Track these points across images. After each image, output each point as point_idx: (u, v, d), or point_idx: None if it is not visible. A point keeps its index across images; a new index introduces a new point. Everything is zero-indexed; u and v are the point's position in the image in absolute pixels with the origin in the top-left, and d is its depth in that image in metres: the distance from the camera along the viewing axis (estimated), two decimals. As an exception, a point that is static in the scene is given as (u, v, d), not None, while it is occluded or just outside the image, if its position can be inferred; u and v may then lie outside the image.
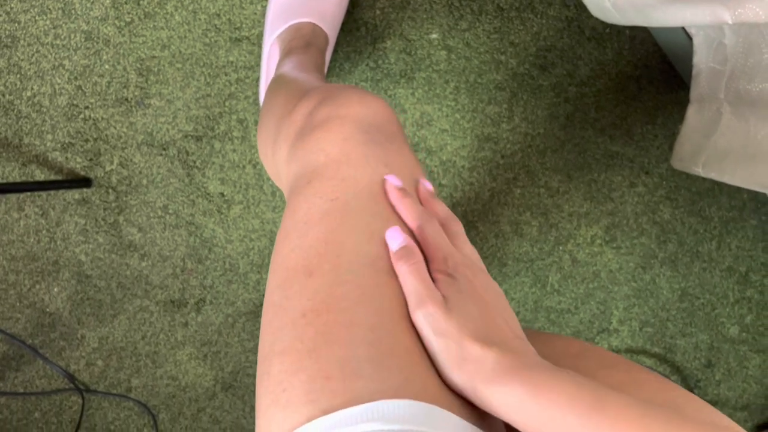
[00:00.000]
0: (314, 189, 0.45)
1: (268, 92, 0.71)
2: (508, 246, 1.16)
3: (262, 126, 0.64)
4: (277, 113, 0.58)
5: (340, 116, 0.47)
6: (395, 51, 1.05)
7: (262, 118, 0.66)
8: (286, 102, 0.58)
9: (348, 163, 0.45)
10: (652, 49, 1.09)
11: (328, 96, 0.50)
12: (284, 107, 0.57)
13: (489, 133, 1.10)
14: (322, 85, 0.56)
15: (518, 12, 1.05)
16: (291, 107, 0.54)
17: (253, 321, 1.13)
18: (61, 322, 1.09)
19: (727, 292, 1.23)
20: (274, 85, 0.72)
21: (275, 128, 0.56)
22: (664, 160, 1.14)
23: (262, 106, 0.70)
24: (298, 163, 0.48)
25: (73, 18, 0.97)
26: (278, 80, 0.73)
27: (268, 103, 0.66)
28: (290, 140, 0.50)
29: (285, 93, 0.62)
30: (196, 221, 1.07)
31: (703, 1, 0.64)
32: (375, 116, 0.48)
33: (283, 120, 0.54)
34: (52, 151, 1.02)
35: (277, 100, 0.62)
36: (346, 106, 0.48)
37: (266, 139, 0.60)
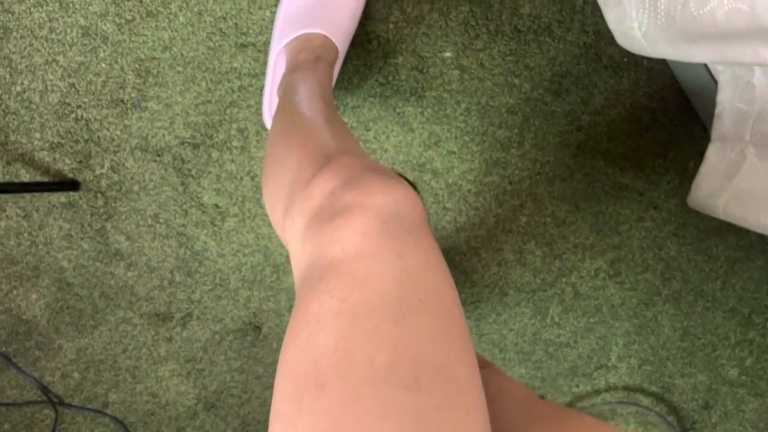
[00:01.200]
0: (326, 286, 0.43)
1: (278, 129, 0.67)
2: (510, 275, 1.12)
3: (272, 179, 0.60)
4: (290, 174, 0.55)
5: (363, 205, 0.45)
6: (407, 67, 1.01)
7: (271, 167, 0.62)
8: (301, 163, 0.55)
9: (361, 258, 0.43)
10: (669, 82, 1.06)
11: (353, 179, 0.47)
12: (299, 170, 0.54)
13: (498, 157, 1.06)
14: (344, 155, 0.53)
15: (536, 35, 1.02)
16: (308, 174, 0.51)
17: (241, 339, 1.08)
18: (37, 330, 1.03)
19: (728, 333, 1.20)
20: (283, 122, 0.68)
21: (289, 193, 0.53)
22: (674, 195, 1.11)
23: (271, 148, 0.65)
24: (314, 249, 0.45)
25: (71, 12, 0.92)
26: (288, 115, 0.69)
27: (279, 152, 0.62)
28: (306, 217, 0.48)
29: (300, 148, 0.58)
30: (187, 232, 1.02)
31: (746, 40, 0.61)
32: (398, 205, 0.46)
33: (299, 188, 0.51)
34: (40, 151, 0.96)
35: (290, 154, 0.59)
36: (369, 193, 0.46)
37: (276, 198, 0.57)
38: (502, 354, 1.15)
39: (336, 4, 0.90)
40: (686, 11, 0.63)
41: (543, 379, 1.18)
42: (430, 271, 0.45)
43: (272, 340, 1.09)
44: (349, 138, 0.62)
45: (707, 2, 0.60)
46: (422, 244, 0.46)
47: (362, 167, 0.49)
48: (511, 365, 1.16)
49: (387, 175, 0.49)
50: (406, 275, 0.43)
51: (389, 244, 0.44)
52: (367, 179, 0.47)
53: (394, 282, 0.43)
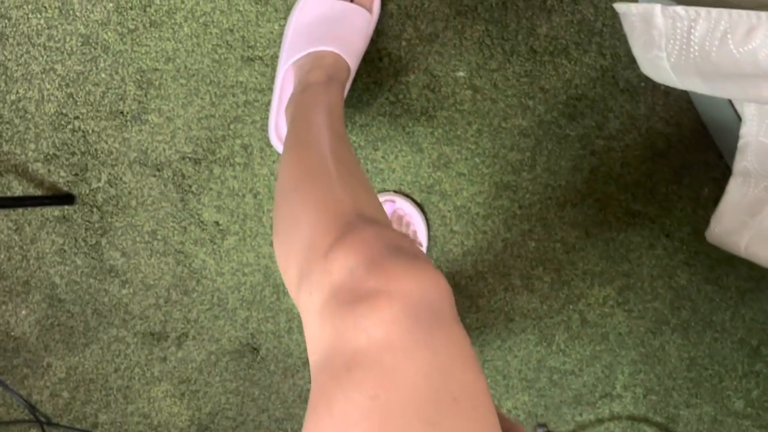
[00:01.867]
0: (353, 381, 0.40)
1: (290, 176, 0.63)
2: (516, 300, 1.09)
3: (285, 237, 0.56)
4: (305, 236, 0.52)
5: (389, 293, 0.42)
6: (418, 86, 0.97)
7: (283, 222, 0.58)
8: (317, 226, 0.52)
9: (391, 351, 0.40)
10: (686, 107, 1.03)
11: (375, 260, 0.45)
12: (315, 234, 0.51)
13: (508, 180, 1.03)
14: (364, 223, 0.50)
15: (552, 56, 0.99)
16: (325, 243, 0.48)
17: (238, 361, 1.04)
18: (26, 347, 0.99)
19: (736, 364, 1.17)
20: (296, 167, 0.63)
21: (304, 258, 0.50)
22: (687, 224, 1.08)
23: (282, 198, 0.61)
24: (335, 333, 0.43)
25: (71, 19, 0.88)
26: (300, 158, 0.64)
27: (292, 207, 0.58)
28: (325, 294, 0.45)
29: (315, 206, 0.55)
30: (185, 250, 0.98)
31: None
32: (426, 293, 0.43)
33: (316, 256, 0.48)
34: (34, 162, 0.92)
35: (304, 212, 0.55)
36: (395, 279, 0.43)
37: (290, 260, 0.53)
38: (506, 381, 1.12)
39: (348, 21, 0.87)
40: (724, 48, 0.60)
41: (546, 407, 1.15)
42: (462, 365, 0.42)
43: (270, 362, 1.05)
44: (366, 191, 0.59)
45: (748, 41, 0.57)
46: (453, 335, 0.43)
47: (384, 244, 0.47)
48: (515, 392, 1.13)
49: (411, 256, 0.46)
50: (439, 371, 0.41)
51: (419, 335, 0.41)
52: (391, 262, 0.44)
53: (426, 378, 0.40)
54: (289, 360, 1.06)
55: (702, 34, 0.63)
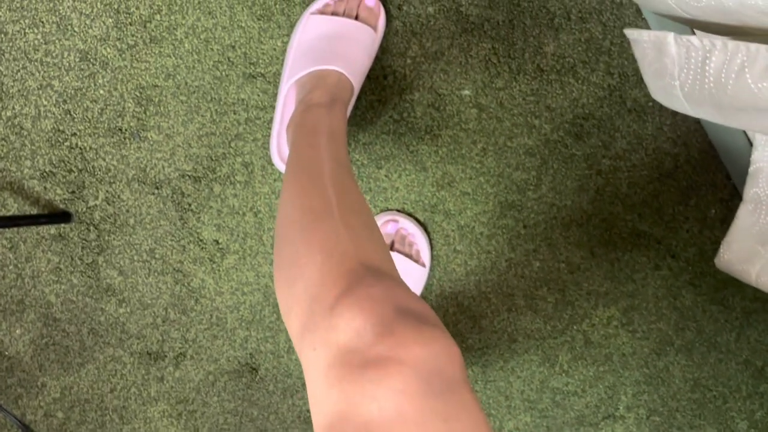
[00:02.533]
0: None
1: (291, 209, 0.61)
2: (520, 321, 1.07)
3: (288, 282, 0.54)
4: (309, 285, 0.50)
5: (399, 360, 0.41)
6: (423, 104, 0.95)
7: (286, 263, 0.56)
8: (322, 276, 0.50)
9: (403, 422, 0.40)
10: (694, 128, 1.01)
11: (385, 324, 0.43)
12: (320, 285, 0.49)
13: (513, 200, 1.01)
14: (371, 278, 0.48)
15: (559, 75, 0.97)
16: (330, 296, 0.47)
17: (236, 381, 1.02)
18: (20, 367, 0.97)
19: (740, 385, 1.16)
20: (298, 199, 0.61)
21: (308, 310, 0.49)
22: (693, 244, 1.07)
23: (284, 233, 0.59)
24: (344, 399, 0.42)
25: (69, 35, 0.86)
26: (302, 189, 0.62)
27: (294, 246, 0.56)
28: (331, 354, 0.44)
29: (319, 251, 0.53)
30: (184, 269, 0.96)
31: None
32: (437, 359, 0.42)
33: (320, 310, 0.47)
34: (30, 180, 0.90)
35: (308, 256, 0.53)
36: (405, 345, 0.42)
37: (293, 308, 0.52)
38: (508, 401, 1.11)
39: (352, 38, 0.85)
40: (741, 81, 0.59)
41: (548, 428, 1.13)
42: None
43: (269, 382, 1.03)
44: (370, 232, 0.57)
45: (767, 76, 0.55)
46: (466, 404, 0.42)
47: (392, 305, 0.45)
48: (517, 413, 1.12)
49: (420, 320, 0.45)
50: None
51: (432, 405, 0.40)
52: (400, 326, 0.43)
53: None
54: (289, 380, 1.04)
55: (718, 65, 0.61)
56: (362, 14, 0.88)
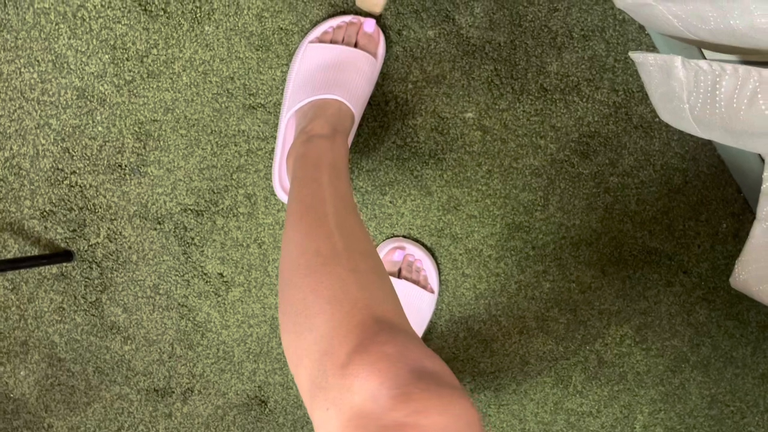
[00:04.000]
0: None
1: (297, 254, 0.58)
2: (531, 343, 1.05)
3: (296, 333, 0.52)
4: (318, 338, 0.48)
5: (417, 427, 0.40)
6: (426, 129, 0.94)
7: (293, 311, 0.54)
8: (333, 330, 0.48)
9: None
10: (702, 142, 1.00)
11: (402, 388, 0.42)
12: (331, 339, 0.47)
13: (521, 221, 1.00)
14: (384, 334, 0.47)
15: (563, 94, 0.95)
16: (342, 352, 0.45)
17: (245, 414, 1.01)
18: (26, 408, 0.96)
19: (758, 400, 1.14)
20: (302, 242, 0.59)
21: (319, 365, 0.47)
22: (705, 260, 1.05)
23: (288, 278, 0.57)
24: None
25: (65, 72, 0.85)
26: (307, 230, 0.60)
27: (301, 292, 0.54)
28: (345, 415, 0.42)
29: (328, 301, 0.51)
30: (189, 303, 0.95)
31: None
32: (456, 426, 0.41)
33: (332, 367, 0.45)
34: (30, 219, 0.89)
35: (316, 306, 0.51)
36: (424, 412, 0.40)
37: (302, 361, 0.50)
38: (522, 425, 1.09)
39: (352, 66, 0.84)
40: (754, 108, 0.57)
41: (564, 449, 1.11)
42: None
43: (279, 415, 1.02)
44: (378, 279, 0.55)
45: (784, 103, 0.54)
46: None
47: (408, 367, 0.43)
48: (531, 436, 1.10)
49: (438, 382, 0.43)
50: None
51: None
52: (417, 392, 0.42)
53: None
54: (299, 412, 1.02)
55: (729, 90, 0.60)
56: (361, 41, 0.86)
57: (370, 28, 0.86)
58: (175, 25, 0.85)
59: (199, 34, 0.86)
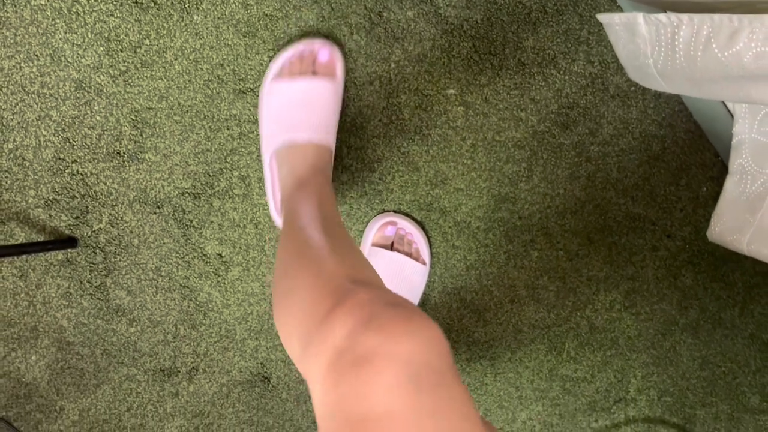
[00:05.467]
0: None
1: (284, 260, 0.65)
2: (523, 311, 1.09)
3: (284, 312, 0.58)
4: (304, 306, 0.54)
5: (389, 354, 0.43)
6: (410, 106, 0.98)
7: (282, 301, 0.60)
8: (314, 295, 0.53)
9: (395, 420, 0.42)
10: (678, 109, 1.03)
11: (374, 318, 0.46)
12: (313, 303, 0.52)
13: (506, 193, 1.03)
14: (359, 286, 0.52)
15: (540, 68, 0.99)
16: (323, 309, 0.49)
17: (249, 391, 1.04)
18: (38, 392, 0.99)
19: (749, 360, 1.17)
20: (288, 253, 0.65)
21: (305, 328, 0.51)
22: (688, 223, 1.08)
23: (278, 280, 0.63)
24: (340, 399, 0.44)
25: (63, 65, 0.89)
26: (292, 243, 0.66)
27: (288, 284, 0.59)
28: (327, 358, 0.46)
29: (310, 279, 0.56)
30: (190, 284, 0.99)
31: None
32: (426, 351, 0.45)
33: (315, 324, 0.49)
34: (35, 208, 0.93)
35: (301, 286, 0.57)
36: (394, 338, 0.44)
37: (292, 332, 0.55)
38: (519, 392, 1.12)
39: (315, 100, 0.88)
40: (708, 52, 0.61)
41: (561, 415, 1.14)
42: (465, 427, 0.43)
43: (281, 390, 1.05)
44: (359, 259, 0.60)
45: (732, 44, 0.57)
46: (454, 398, 0.44)
47: (381, 302, 0.48)
48: (528, 403, 1.13)
49: (408, 312, 0.47)
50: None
51: (422, 401, 0.42)
52: (388, 319, 0.45)
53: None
54: (301, 387, 1.05)
55: (686, 40, 0.63)
56: (319, 70, 0.90)
57: (324, 57, 0.90)
58: (165, 16, 0.90)
59: (188, 23, 0.90)
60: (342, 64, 0.92)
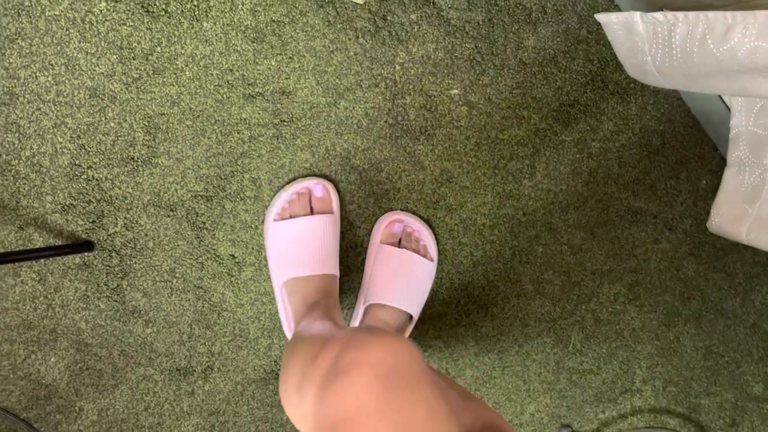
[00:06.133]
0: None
1: (291, 344, 0.74)
2: (530, 306, 1.11)
3: (286, 374, 0.66)
4: (301, 359, 0.61)
5: (362, 363, 0.49)
6: (415, 107, 1.01)
7: (285, 368, 0.68)
8: (309, 349, 0.61)
9: (365, 416, 0.47)
10: (676, 104, 1.06)
11: (352, 341, 0.52)
12: (308, 353, 0.59)
13: (510, 189, 1.06)
14: (346, 331, 0.60)
15: (541, 67, 1.02)
16: (315, 352, 0.56)
17: (263, 388, 1.06)
18: (57, 393, 1.02)
19: (751, 349, 1.19)
20: (296, 337, 0.76)
21: (300, 373, 0.59)
22: (689, 216, 1.11)
23: (284, 357, 0.72)
24: (324, 410, 0.50)
25: (77, 74, 0.92)
26: (298, 336, 0.76)
27: (292, 353, 0.68)
28: (317, 384, 0.52)
29: (308, 341, 0.65)
30: (204, 285, 1.01)
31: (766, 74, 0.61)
32: (394, 357, 0.50)
33: (309, 365, 0.57)
34: (52, 214, 0.95)
35: (300, 349, 0.65)
36: (368, 352, 0.50)
37: (291, 385, 0.62)
38: (526, 385, 1.14)
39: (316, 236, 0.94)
40: (704, 48, 0.63)
41: (569, 407, 1.17)
42: (430, 420, 0.48)
43: (295, 388, 1.08)
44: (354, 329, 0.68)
45: (727, 40, 0.60)
46: (423, 394, 0.49)
47: (363, 331, 0.54)
48: (536, 395, 1.15)
49: (382, 332, 0.53)
50: (405, 428, 0.46)
51: (389, 399, 0.47)
52: (364, 340, 0.51)
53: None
54: (314, 383, 1.08)
55: (682, 36, 0.66)
56: (316, 206, 0.97)
57: (319, 193, 0.97)
58: (175, 24, 0.92)
59: (198, 30, 0.93)
60: (337, 198, 0.99)
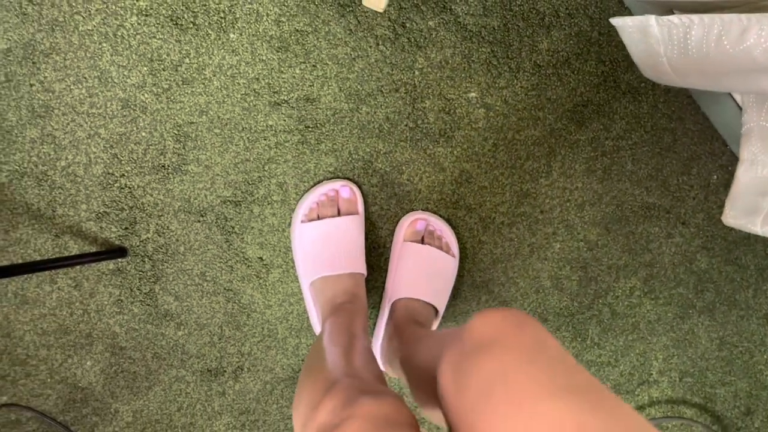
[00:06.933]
0: None
1: (309, 360, 0.78)
2: (548, 301, 1.14)
3: (296, 401, 0.70)
4: (306, 399, 0.66)
5: (353, 416, 0.53)
6: (434, 111, 1.04)
7: (296, 394, 0.72)
8: (314, 392, 0.65)
9: None
10: (686, 101, 1.09)
11: (350, 399, 0.56)
12: (313, 397, 0.63)
13: (527, 188, 1.09)
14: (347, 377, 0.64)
15: (555, 69, 1.05)
16: (318, 399, 0.60)
17: (292, 387, 1.09)
18: (93, 396, 1.05)
19: (764, 339, 1.22)
20: (309, 359, 0.79)
21: (304, 415, 0.63)
22: (701, 210, 1.14)
23: (300, 377, 0.76)
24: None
25: (110, 86, 0.95)
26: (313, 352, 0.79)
27: (302, 385, 0.72)
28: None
29: (314, 377, 0.69)
30: (234, 287, 1.04)
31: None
32: (383, 410, 0.54)
33: (311, 410, 0.60)
34: (87, 221, 0.99)
35: (308, 386, 0.69)
36: (360, 407, 0.54)
37: (298, 421, 0.66)
38: (546, 379, 1.17)
39: (343, 236, 0.98)
40: (720, 48, 0.67)
41: (588, 400, 1.19)
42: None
43: (322, 386, 1.11)
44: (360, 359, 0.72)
45: (743, 40, 0.63)
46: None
47: (358, 389, 0.58)
48: (556, 389, 1.18)
49: (378, 392, 0.57)
50: None
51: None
52: (359, 397, 0.55)
53: None
54: (340, 381, 1.11)
55: (698, 38, 0.69)
56: (343, 207, 1.00)
57: (346, 194, 1.00)
58: (203, 36, 0.96)
59: (225, 41, 0.96)
60: (362, 200, 1.03)
